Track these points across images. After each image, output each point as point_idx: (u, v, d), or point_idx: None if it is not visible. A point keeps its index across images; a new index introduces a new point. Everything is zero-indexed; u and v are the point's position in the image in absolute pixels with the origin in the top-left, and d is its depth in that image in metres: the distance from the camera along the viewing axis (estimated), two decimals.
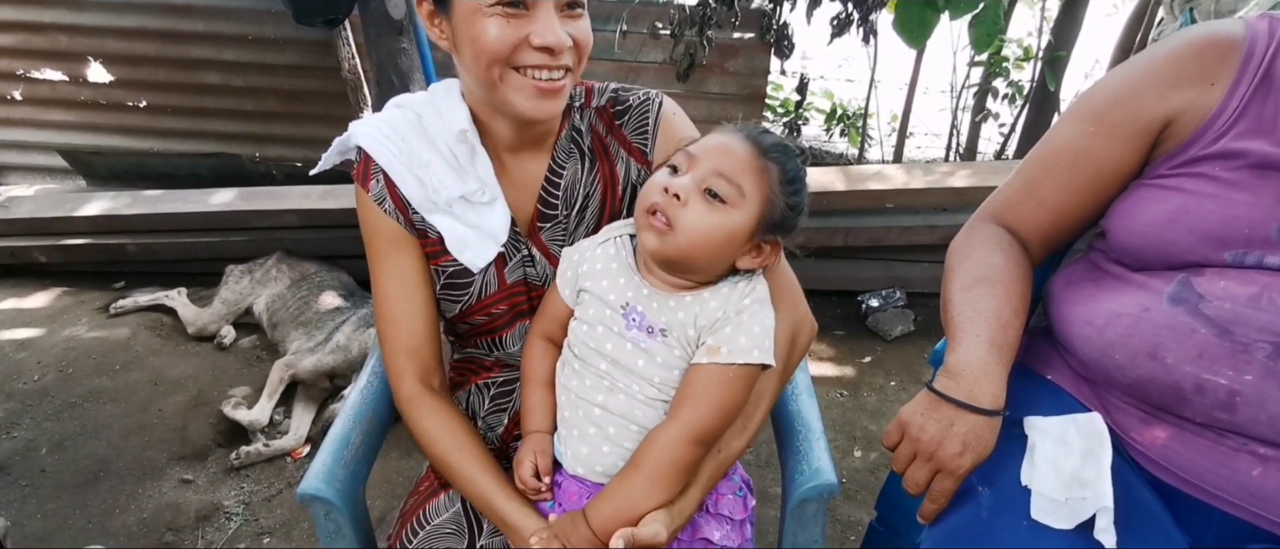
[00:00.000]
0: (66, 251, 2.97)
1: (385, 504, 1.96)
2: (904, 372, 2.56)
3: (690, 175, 0.86)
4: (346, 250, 2.84)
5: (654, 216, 0.85)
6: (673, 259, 0.87)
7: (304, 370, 2.28)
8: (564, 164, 1.04)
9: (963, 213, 1.17)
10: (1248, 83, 0.84)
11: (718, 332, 0.87)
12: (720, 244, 0.86)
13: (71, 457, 2.11)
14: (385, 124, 1.00)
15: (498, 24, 0.85)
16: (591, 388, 0.93)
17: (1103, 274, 0.97)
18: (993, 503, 0.86)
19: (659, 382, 0.90)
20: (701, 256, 0.87)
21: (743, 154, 0.86)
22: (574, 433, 0.94)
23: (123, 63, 3.54)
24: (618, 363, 0.91)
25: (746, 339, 0.87)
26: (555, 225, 1.05)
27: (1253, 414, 0.80)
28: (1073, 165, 0.97)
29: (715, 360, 0.86)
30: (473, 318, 1.07)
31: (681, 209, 0.84)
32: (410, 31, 2.49)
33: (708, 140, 0.89)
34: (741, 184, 0.85)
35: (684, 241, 0.85)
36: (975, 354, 0.89)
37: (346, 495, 1.04)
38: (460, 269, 1.03)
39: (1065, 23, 3.26)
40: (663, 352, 0.89)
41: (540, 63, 0.87)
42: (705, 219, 0.84)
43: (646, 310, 0.90)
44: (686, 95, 3.27)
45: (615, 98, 1.06)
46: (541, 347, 1.02)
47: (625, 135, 1.05)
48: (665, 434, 0.88)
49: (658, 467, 0.87)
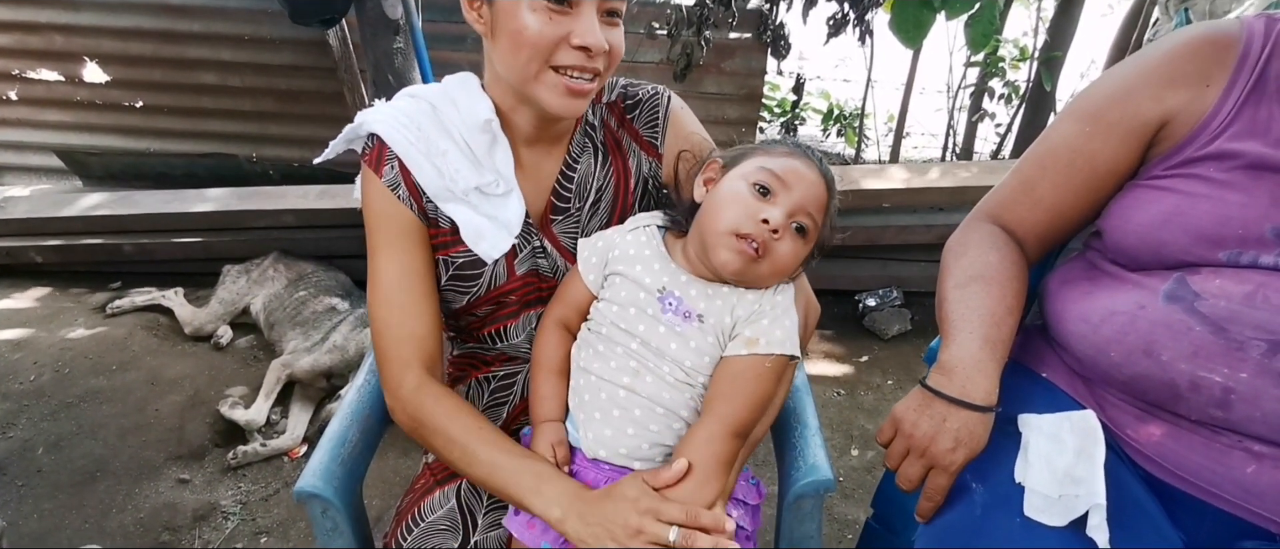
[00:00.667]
0: (63, 252, 2.96)
1: (382, 503, 1.96)
2: (901, 370, 2.57)
3: (782, 206, 0.90)
4: (343, 250, 2.84)
5: (746, 242, 0.88)
6: (750, 280, 0.92)
7: (301, 370, 2.28)
8: (578, 158, 1.05)
9: (959, 212, 1.18)
10: (1243, 84, 0.85)
11: (754, 324, 0.92)
12: (788, 271, 0.94)
13: (68, 457, 2.10)
14: (401, 112, 1.00)
15: (541, 19, 0.86)
16: (617, 370, 0.93)
17: (1098, 272, 0.97)
18: (987, 501, 0.86)
19: (689, 366, 0.92)
20: (778, 279, 0.94)
21: (821, 189, 0.93)
22: (596, 416, 0.94)
23: (119, 63, 3.53)
24: (648, 344, 0.93)
25: (781, 332, 0.92)
26: (567, 218, 1.06)
27: (1247, 411, 0.81)
28: (1069, 165, 0.97)
29: (754, 352, 0.91)
30: (479, 309, 1.07)
31: (776, 242, 0.89)
32: (406, 32, 2.49)
33: (795, 168, 0.92)
34: (818, 218, 0.93)
35: (769, 270, 0.91)
36: (968, 350, 0.89)
37: (343, 493, 1.04)
38: (470, 260, 1.02)
39: (1061, 22, 3.27)
40: (697, 337, 0.92)
41: (576, 63, 0.89)
42: (788, 252, 0.91)
43: (684, 296, 0.94)
44: (683, 95, 3.25)
45: (625, 93, 1.08)
46: (558, 333, 1.02)
47: (637, 130, 1.07)
48: (706, 431, 0.89)
49: (705, 466, 0.88)
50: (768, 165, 0.92)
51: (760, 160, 0.93)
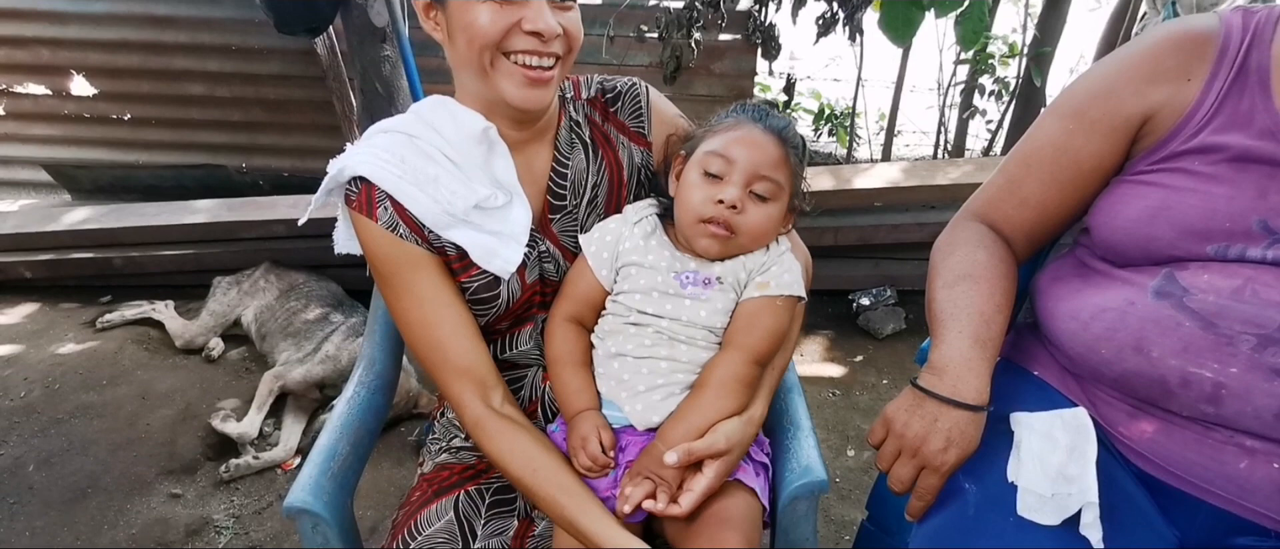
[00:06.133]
0: (51, 266, 2.94)
1: (376, 514, 1.95)
2: (896, 370, 2.57)
3: (734, 181, 0.94)
4: (335, 259, 2.79)
5: (712, 225, 0.95)
6: (734, 253, 0.99)
7: (293, 381, 2.27)
8: (568, 156, 1.06)
9: (951, 209, 1.18)
10: (1224, 77, 0.85)
11: (765, 272, 1.00)
12: (770, 232, 1.00)
13: (59, 473, 2.08)
14: (380, 149, 0.98)
15: (490, 10, 0.88)
16: (652, 344, 0.98)
17: (1088, 270, 0.97)
18: (980, 500, 0.86)
19: (718, 327, 1.00)
20: (760, 244, 1.01)
21: (774, 150, 0.96)
22: (640, 388, 0.98)
23: (106, 76, 3.52)
24: (677, 319, 0.98)
25: (789, 275, 1.01)
26: (565, 215, 1.06)
27: (1239, 407, 0.80)
28: (1054, 162, 0.97)
29: (765, 293, 0.98)
30: (499, 325, 1.07)
31: (739, 216, 0.95)
32: (394, 39, 2.49)
33: (736, 138, 0.96)
34: (778, 179, 0.96)
35: (747, 240, 0.98)
36: (958, 350, 0.89)
37: (334, 507, 1.03)
38: (485, 282, 1.00)
39: (1050, 18, 3.28)
40: (720, 297, 0.99)
41: (530, 47, 0.89)
42: (759, 218, 0.96)
43: (700, 267, 1.00)
44: (674, 97, 3.26)
45: (603, 87, 1.09)
46: (571, 329, 1.04)
47: (623, 121, 1.08)
48: (724, 356, 0.98)
49: (722, 381, 0.96)
50: (713, 147, 0.97)
51: (708, 143, 0.98)
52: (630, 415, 0.98)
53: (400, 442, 2.22)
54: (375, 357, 1.26)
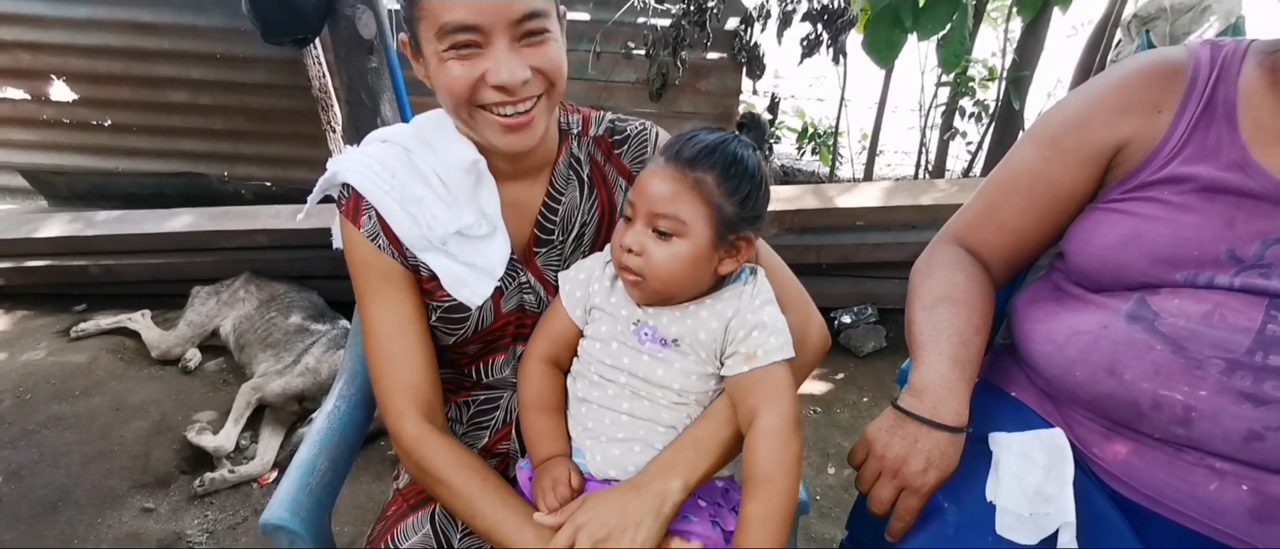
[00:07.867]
0: (26, 273, 2.89)
1: (355, 530, 1.93)
2: (876, 388, 2.59)
3: (636, 223, 0.89)
4: (317, 270, 2.80)
5: (624, 272, 0.91)
6: (658, 299, 0.92)
7: (272, 393, 2.24)
8: (562, 191, 1.04)
9: (932, 229, 1.19)
10: (1192, 109, 0.87)
11: (747, 340, 0.90)
12: (690, 270, 0.89)
13: (29, 486, 2.04)
14: (373, 159, 0.98)
15: (456, 66, 0.85)
16: (614, 396, 0.95)
17: (1063, 293, 0.99)
18: (959, 521, 0.87)
19: (679, 388, 0.93)
20: (680, 287, 0.91)
21: (669, 180, 0.87)
22: (602, 438, 0.95)
23: (86, 81, 3.48)
24: (636, 374, 0.93)
25: (775, 338, 0.90)
26: (550, 250, 1.05)
27: (1208, 429, 0.82)
28: (1030, 189, 0.99)
29: (754, 366, 0.89)
30: (468, 348, 1.06)
31: (641, 259, 0.88)
32: (381, 51, 2.49)
33: (640, 179, 0.91)
34: (678, 213, 0.87)
35: (658, 284, 0.89)
36: (938, 371, 0.90)
37: (311, 524, 1.02)
38: (456, 305, 1.00)
39: (1028, 43, 3.35)
40: (679, 359, 0.93)
41: (500, 100, 0.87)
42: (664, 259, 0.88)
43: (657, 324, 0.93)
44: (659, 115, 3.30)
45: (613, 127, 1.07)
46: (544, 369, 1.01)
47: (624, 163, 1.06)
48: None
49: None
50: (629, 192, 0.92)
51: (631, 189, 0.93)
52: (589, 463, 0.96)
53: (380, 456, 2.20)
54: (356, 370, 1.25)
